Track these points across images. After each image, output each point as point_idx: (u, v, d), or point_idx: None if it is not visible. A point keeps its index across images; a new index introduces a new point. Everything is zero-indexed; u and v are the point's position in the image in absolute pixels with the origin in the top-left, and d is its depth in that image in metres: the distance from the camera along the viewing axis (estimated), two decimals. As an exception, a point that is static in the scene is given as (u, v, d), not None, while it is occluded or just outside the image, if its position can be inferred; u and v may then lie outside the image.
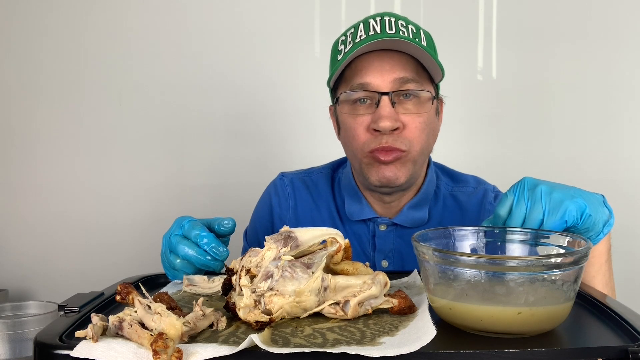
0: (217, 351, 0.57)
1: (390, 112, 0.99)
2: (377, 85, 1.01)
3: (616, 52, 1.75)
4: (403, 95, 1.01)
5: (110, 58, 1.81)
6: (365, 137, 1.02)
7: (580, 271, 0.65)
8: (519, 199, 0.80)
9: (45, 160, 1.84)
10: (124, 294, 0.68)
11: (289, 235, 0.73)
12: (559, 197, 0.78)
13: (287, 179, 1.21)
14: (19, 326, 0.83)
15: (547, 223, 0.78)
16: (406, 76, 1.00)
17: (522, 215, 0.79)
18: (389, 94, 1.00)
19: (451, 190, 1.16)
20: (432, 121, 1.05)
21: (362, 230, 1.14)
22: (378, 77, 1.00)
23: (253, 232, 1.24)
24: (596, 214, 0.80)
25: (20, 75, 1.82)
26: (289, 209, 1.18)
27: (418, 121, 1.01)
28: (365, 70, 1.02)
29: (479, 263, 0.63)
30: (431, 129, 1.05)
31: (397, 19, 1.03)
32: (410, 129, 1.01)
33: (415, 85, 1.01)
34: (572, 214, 0.78)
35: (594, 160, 1.77)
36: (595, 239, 0.83)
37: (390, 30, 1.01)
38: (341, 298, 0.70)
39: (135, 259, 1.77)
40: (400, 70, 1.00)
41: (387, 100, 1.00)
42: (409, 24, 1.03)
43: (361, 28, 1.04)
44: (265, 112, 1.80)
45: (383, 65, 1.00)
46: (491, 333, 0.63)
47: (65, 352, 0.58)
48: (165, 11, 1.80)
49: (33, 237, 1.85)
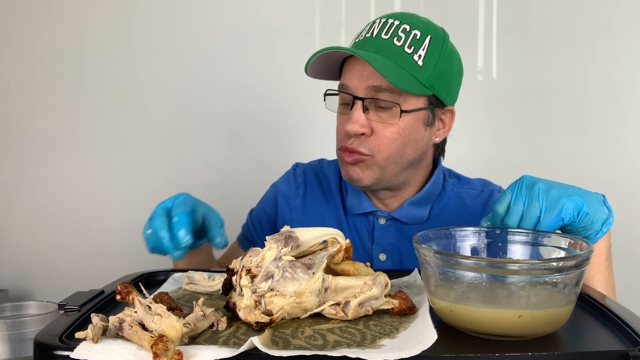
0: (218, 353, 0.57)
1: (359, 117, 1.01)
2: (354, 88, 1.03)
3: (616, 52, 1.75)
4: (376, 103, 1.02)
5: (110, 58, 1.80)
6: (341, 135, 1.07)
7: (581, 274, 0.65)
8: (517, 197, 0.81)
9: (44, 160, 1.84)
10: (124, 294, 0.68)
11: (290, 235, 0.73)
12: (557, 194, 0.79)
13: (299, 169, 1.25)
14: (19, 326, 0.83)
15: (544, 220, 0.79)
16: (380, 85, 1.00)
17: (520, 212, 0.80)
18: (362, 100, 1.01)
19: (457, 191, 1.16)
20: (413, 132, 1.04)
21: (362, 223, 1.15)
22: (355, 81, 1.02)
23: (258, 212, 1.26)
24: (594, 212, 0.81)
25: (19, 74, 1.82)
26: (298, 197, 1.20)
27: (389, 130, 1.02)
28: (349, 72, 1.04)
29: (480, 266, 0.63)
30: (410, 139, 1.04)
31: (402, 22, 1.03)
32: (378, 137, 1.02)
33: (389, 95, 1.01)
34: (568, 212, 0.78)
35: (594, 160, 1.77)
36: (594, 237, 0.84)
37: (386, 35, 1.02)
38: (342, 299, 0.70)
39: (135, 258, 1.77)
40: (376, 79, 1.00)
41: (359, 105, 1.01)
42: (413, 29, 1.02)
43: (368, 27, 1.07)
44: (265, 112, 1.80)
45: (363, 71, 1.02)
46: (492, 335, 0.63)
47: (65, 352, 0.58)
48: (166, 11, 1.79)
49: (33, 237, 1.85)
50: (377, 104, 1.02)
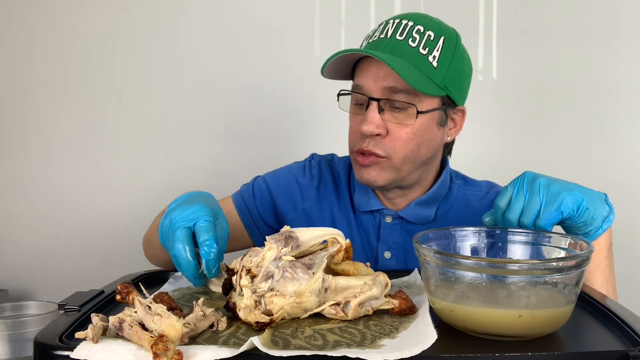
0: (218, 353, 0.57)
1: (374, 117, 1.01)
2: (369, 89, 1.02)
3: (617, 51, 1.75)
4: (391, 104, 1.02)
5: (110, 58, 1.80)
6: (355, 137, 1.06)
7: (581, 274, 0.65)
8: (519, 191, 0.83)
9: (44, 159, 1.83)
10: (124, 294, 0.68)
11: (290, 235, 0.73)
12: (557, 189, 0.81)
13: (315, 160, 1.23)
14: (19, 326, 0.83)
15: (544, 213, 0.80)
16: (397, 86, 1.00)
17: (521, 206, 0.82)
18: (378, 101, 1.01)
19: (464, 193, 1.17)
20: (427, 132, 1.05)
21: (368, 221, 1.16)
22: (371, 82, 1.02)
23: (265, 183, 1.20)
24: (594, 208, 0.82)
25: (19, 74, 1.82)
26: (312, 187, 1.19)
27: (404, 131, 1.02)
28: (364, 73, 1.04)
29: (480, 266, 0.63)
30: (425, 139, 1.05)
31: (415, 23, 1.03)
32: (393, 137, 1.02)
33: (405, 96, 1.01)
34: (568, 206, 0.80)
35: (594, 160, 1.77)
36: (594, 234, 0.86)
37: (400, 36, 1.02)
38: (342, 299, 0.70)
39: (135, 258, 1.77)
40: (392, 80, 1.00)
41: (374, 106, 1.01)
42: (427, 30, 1.03)
43: (381, 27, 1.06)
44: (265, 112, 1.79)
45: (378, 71, 1.02)
46: (492, 335, 0.63)
47: (65, 352, 0.58)
48: (165, 11, 1.79)
49: (33, 237, 1.85)
50: (393, 104, 1.02)
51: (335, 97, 1.10)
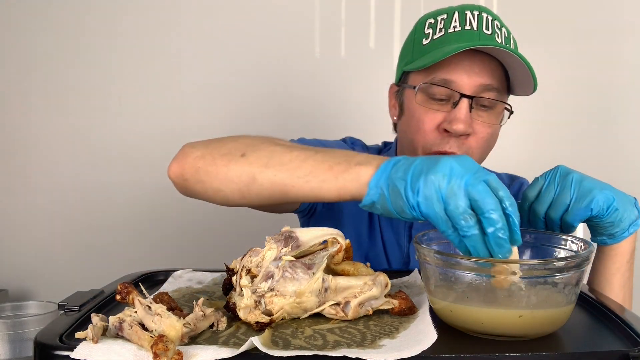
0: (218, 353, 0.57)
1: (467, 116, 0.95)
2: (462, 85, 0.96)
3: (617, 51, 1.75)
4: (480, 102, 0.98)
5: (109, 58, 1.80)
6: (432, 136, 0.99)
7: (582, 274, 0.65)
8: (550, 184, 0.81)
9: (44, 159, 1.83)
10: (124, 294, 0.67)
11: (290, 235, 0.73)
12: (589, 185, 0.79)
13: (348, 143, 1.16)
14: (19, 326, 0.83)
15: (573, 209, 0.79)
16: (492, 84, 0.96)
17: (550, 199, 0.81)
18: (471, 98, 0.96)
19: None
20: (497, 132, 1.02)
21: (399, 220, 1.12)
22: (465, 77, 0.96)
23: None
24: (624, 210, 0.81)
25: (18, 75, 1.82)
26: None
27: (487, 131, 0.98)
28: (454, 67, 0.96)
29: (480, 266, 0.63)
30: (494, 139, 1.02)
31: (493, 18, 0.99)
32: (477, 138, 0.98)
33: (496, 94, 0.97)
34: (598, 204, 0.79)
35: (594, 160, 1.76)
36: (620, 236, 0.85)
37: (487, 30, 0.97)
38: (342, 299, 0.70)
39: (135, 258, 1.77)
40: (487, 77, 0.96)
41: (466, 103, 0.95)
42: (502, 27, 1.00)
43: (456, 17, 0.99)
44: (265, 112, 1.79)
45: (473, 66, 0.96)
46: (492, 336, 0.63)
47: (66, 352, 0.58)
48: (165, 12, 1.79)
49: (33, 237, 1.85)
50: (481, 102, 0.97)
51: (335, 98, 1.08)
